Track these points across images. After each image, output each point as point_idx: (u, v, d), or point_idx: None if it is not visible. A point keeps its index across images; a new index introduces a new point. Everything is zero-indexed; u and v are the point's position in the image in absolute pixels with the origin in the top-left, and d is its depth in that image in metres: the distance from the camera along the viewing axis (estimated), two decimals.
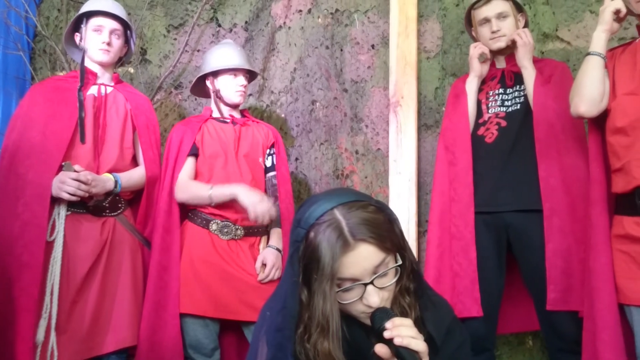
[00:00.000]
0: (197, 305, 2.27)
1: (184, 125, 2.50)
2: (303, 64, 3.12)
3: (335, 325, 1.09)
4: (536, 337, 2.63)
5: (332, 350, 1.09)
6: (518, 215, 2.22)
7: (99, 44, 2.31)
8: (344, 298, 1.11)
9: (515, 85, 2.34)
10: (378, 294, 1.09)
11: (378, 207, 1.13)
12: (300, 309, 1.12)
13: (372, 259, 1.08)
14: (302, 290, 1.12)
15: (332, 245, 1.06)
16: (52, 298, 2.02)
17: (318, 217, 1.10)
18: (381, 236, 1.08)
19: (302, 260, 1.11)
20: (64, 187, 2.06)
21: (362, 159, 2.98)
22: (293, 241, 1.14)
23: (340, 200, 1.11)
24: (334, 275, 1.06)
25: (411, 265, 1.18)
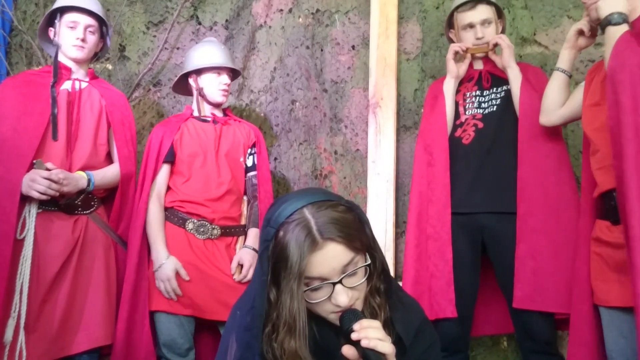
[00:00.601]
0: (172, 303, 2.25)
1: (163, 127, 2.47)
2: (283, 63, 3.11)
3: (302, 324, 1.08)
4: (511, 339, 2.65)
5: (299, 349, 1.09)
6: (493, 217, 2.24)
7: (73, 40, 2.27)
8: (313, 297, 1.10)
9: (493, 87, 2.37)
10: (347, 294, 1.09)
11: (348, 207, 1.13)
12: (269, 308, 1.12)
13: (341, 258, 1.07)
14: (271, 289, 1.12)
15: (300, 243, 1.05)
16: (21, 297, 1.98)
17: (288, 216, 1.09)
18: (350, 235, 1.08)
19: (271, 259, 1.11)
20: (34, 186, 2.02)
21: (341, 159, 2.98)
22: (263, 240, 1.14)
23: (310, 199, 1.11)
24: (301, 274, 1.06)
25: (381, 265, 1.18)
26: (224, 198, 2.39)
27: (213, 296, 2.27)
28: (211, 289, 2.27)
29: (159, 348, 2.27)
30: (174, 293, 2.24)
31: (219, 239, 2.37)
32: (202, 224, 2.34)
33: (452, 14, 2.44)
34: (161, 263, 2.25)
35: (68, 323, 2.08)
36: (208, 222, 2.35)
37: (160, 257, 2.26)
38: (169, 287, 2.22)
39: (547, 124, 2.17)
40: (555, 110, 2.13)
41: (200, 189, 2.37)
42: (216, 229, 2.36)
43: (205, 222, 2.34)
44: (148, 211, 2.33)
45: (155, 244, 2.30)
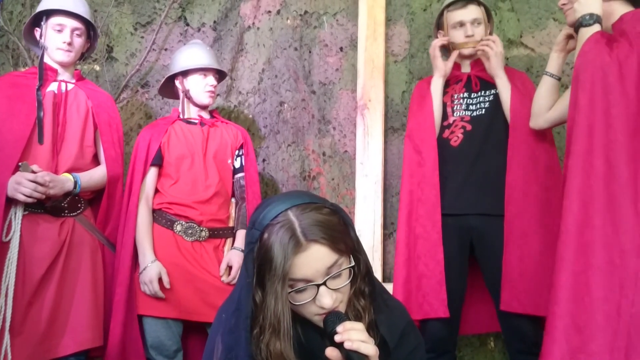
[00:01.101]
0: (159, 307, 2.24)
1: (150, 129, 2.47)
2: (271, 65, 3.11)
3: (287, 326, 1.09)
4: (498, 339, 2.66)
5: (284, 350, 1.10)
6: (481, 219, 2.26)
7: (60, 44, 2.25)
8: (298, 299, 1.11)
9: (481, 91, 2.38)
10: (331, 295, 1.09)
11: (332, 210, 1.14)
12: (255, 310, 1.12)
13: (325, 259, 1.08)
14: (257, 291, 1.12)
15: (284, 245, 1.06)
16: (6, 300, 1.96)
17: (272, 219, 1.10)
18: (334, 237, 1.09)
19: (256, 261, 1.11)
20: (20, 189, 2.01)
21: (329, 160, 2.98)
22: (248, 242, 1.14)
23: (294, 202, 1.11)
24: (285, 276, 1.06)
25: (365, 268, 1.18)
26: (211, 200, 2.39)
27: (201, 298, 2.26)
28: (199, 291, 2.26)
29: (147, 350, 2.27)
30: (157, 296, 2.23)
31: (207, 241, 2.37)
32: (190, 226, 2.34)
33: (442, 13, 2.45)
34: (145, 266, 2.24)
35: (55, 325, 2.06)
36: (196, 224, 2.34)
37: (146, 260, 2.25)
38: (151, 289, 2.22)
39: (536, 127, 2.19)
40: (544, 114, 2.15)
41: (188, 191, 2.37)
42: (204, 231, 2.36)
43: (194, 224, 2.34)
44: (138, 215, 2.32)
45: (141, 247, 2.29)
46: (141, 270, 2.25)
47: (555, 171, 2.25)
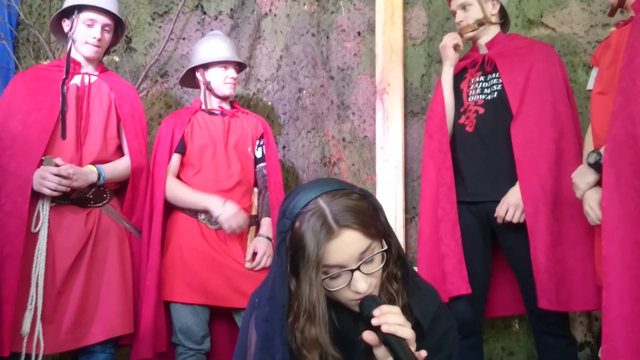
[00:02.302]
0: (186, 293, 2.28)
1: (174, 118, 2.49)
2: (289, 51, 3.11)
3: (322, 312, 1.10)
4: (522, 321, 2.67)
5: (319, 336, 1.11)
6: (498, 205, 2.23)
7: (90, 39, 2.26)
8: (332, 285, 1.12)
9: (494, 73, 2.32)
10: (365, 280, 1.10)
11: (362, 195, 1.14)
12: (290, 298, 1.13)
13: (357, 245, 1.09)
14: (291, 279, 1.13)
15: (316, 232, 1.07)
16: (37, 289, 2.00)
17: (302, 207, 1.11)
18: (365, 223, 1.09)
19: (289, 250, 1.12)
20: (45, 183, 2.03)
21: (349, 146, 2.98)
22: (279, 232, 1.15)
23: (323, 189, 1.12)
24: (319, 262, 1.07)
25: (397, 252, 1.19)
26: (234, 189, 2.42)
27: (227, 284, 2.29)
28: (225, 277, 2.29)
29: (175, 336, 2.31)
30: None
31: None
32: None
33: None
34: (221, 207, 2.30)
35: (85, 314, 2.10)
36: None
37: (217, 203, 2.31)
38: (238, 222, 2.31)
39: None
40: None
41: (211, 180, 2.39)
42: None
43: None
44: (172, 186, 2.37)
45: (202, 198, 2.34)
46: (218, 213, 2.30)
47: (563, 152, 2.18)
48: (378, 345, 1.08)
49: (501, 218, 2.15)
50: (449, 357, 1.24)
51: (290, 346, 1.13)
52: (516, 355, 2.67)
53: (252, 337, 1.21)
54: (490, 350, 2.68)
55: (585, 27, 2.74)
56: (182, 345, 2.29)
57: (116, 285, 2.18)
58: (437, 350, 1.19)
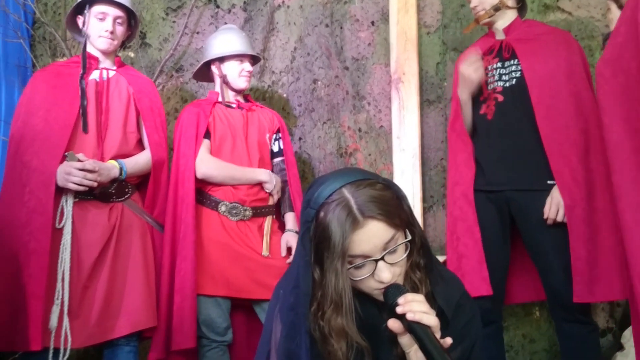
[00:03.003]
0: (208, 285, 2.30)
1: (195, 108, 2.49)
2: (303, 42, 3.11)
3: (348, 301, 1.10)
4: (543, 308, 2.66)
5: (346, 325, 1.11)
6: (518, 193, 2.22)
7: (102, 32, 2.28)
8: (356, 275, 1.12)
9: (512, 59, 2.29)
10: (389, 270, 1.10)
11: (386, 185, 1.14)
12: (314, 287, 1.14)
13: (382, 235, 1.09)
14: (315, 269, 1.14)
15: (341, 223, 1.07)
16: (63, 284, 2.02)
17: (327, 197, 1.11)
18: (390, 213, 1.09)
19: (313, 239, 1.12)
20: (70, 178, 2.05)
21: (365, 136, 2.98)
22: (304, 222, 1.16)
23: (348, 179, 1.12)
24: (344, 253, 1.08)
25: (421, 241, 1.19)
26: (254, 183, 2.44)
27: (248, 276, 2.31)
28: (246, 269, 2.31)
29: (198, 327, 2.33)
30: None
31: (251, 220, 2.42)
32: (235, 206, 2.38)
33: None
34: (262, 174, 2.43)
35: (110, 308, 2.12)
36: (240, 204, 2.39)
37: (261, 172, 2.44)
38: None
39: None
40: None
41: None
42: (248, 210, 2.40)
43: (237, 204, 2.39)
44: (212, 163, 2.39)
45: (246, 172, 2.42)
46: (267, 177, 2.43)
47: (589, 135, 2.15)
48: (403, 333, 1.09)
49: (552, 220, 2.13)
50: (472, 346, 1.24)
51: (312, 334, 1.14)
52: (537, 343, 2.66)
53: (277, 327, 1.22)
54: (511, 338, 2.68)
55: (602, 10, 2.71)
56: (205, 337, 2.32)
57: (140, 279, 2.20)
58: (460, 338, 1.19)
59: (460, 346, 1.19)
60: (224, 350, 2.35)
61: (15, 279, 2.00)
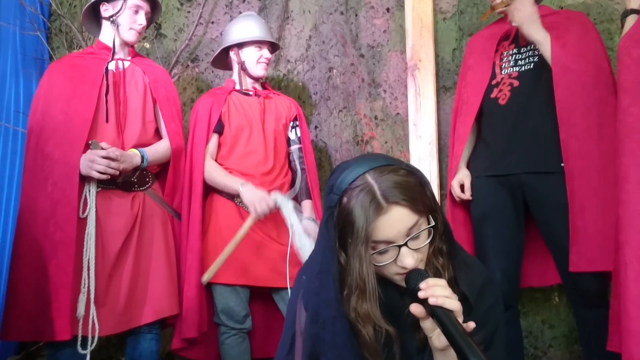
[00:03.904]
0: (227, 274, 2.31)
1: (209, 97, 2.51)
2: (318, 31, 3.10)
3: (372, 287, 1.11)
4: (562, 293, 2.65)
5: (371, 311, 1.12)
6: (531, 177, 2.21)
7: (135, 25, 2.31)
8: (379, 260, 1.13)
9: (530, 45, 2.27)
10: (412, 255, 1.11)
11: (409, 171, 1.14)
12: (340, 272, 1.15)
13: (405, 221, 1.09)
14: (340, 254, 1.15)
15: (365, 209, 1.08)
16: (89, 273, 2.05)
17: (350, 183, 1.11)
18: (413, 198, 1.09)
19: (337, 225, 1.13)
20: (94, 166, 2.07)
21: (382, 124, 2.97)
22: (327, 207, 1.16)
23: (371, 165, 1.12)
24: (368, 239, 1.08)
25: (443, 226, 1.19)
26: (271, 170, 2.45)
27: (266, 264, 2.33)
28: (264, 258, 2.33)
29: (217, 316, 2.36)
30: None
31: None
32: None
33: None
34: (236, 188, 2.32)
35: (134, 296, 2.15)
36: None
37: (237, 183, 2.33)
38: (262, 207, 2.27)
39: None
40: None
41: (248, 161, 2.42)
42: None
43: None
44: (206, 168, 2.39)
45: (227, 181, 2.36)
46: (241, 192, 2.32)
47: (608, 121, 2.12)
48: (425, 318, 1.09)
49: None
50: (494, 331, 1.25)
51: (340, 319, 1.15)
52: (556, 328, 2.66)
53: (301, 313, 1.23)
54: (530, 324, 2.68)
55: None
56: (224, 325, 2.34)
57: (163, 267, 2.22)
58: (482, 324, 1.19)
59: (482, 331, 1.19)
60: (244, 337, 2.37)
61: (42, 270, 2.02)
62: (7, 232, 2.81)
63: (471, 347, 0.98)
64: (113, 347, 2.75)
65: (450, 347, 1.07)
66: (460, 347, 0.99)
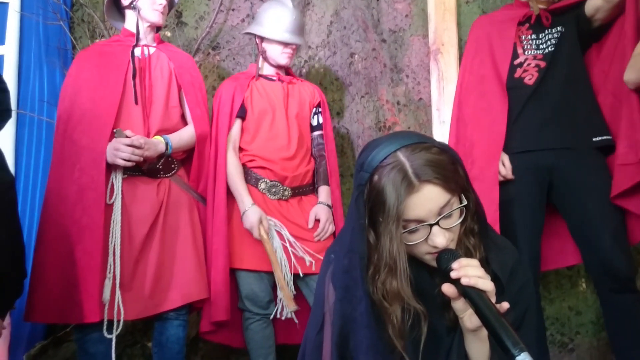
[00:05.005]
0: (251, 260, 2.32)
1: (233, 82, 2.50)
2: (339, 16, 3.07)
3: (403, 265, 1.10)
4: (589, 280, 2.62)
5: (401, 289, 1.11)
6: (561, 157, 2.20)
7: (157, 5, 2.30)
8: (410, 239, 1.11)
9: (552, 28, 2.30)
10: (443, 235, 1.09)
11: (441, 149, 1.13)
12: (368, 250, 1.14)
13: (437, 199, 1.08)
14: (369, 232, 1.14)
15: (397, 187, 1.06)
16: (114, 258, 2.07)
17: (381, 160, 1.10)
18: (446, 177, 1.08)
19: (367, 203, 1.12)
20: (119, 154, 2.08)
21: (404, 109, 2.95)
22: (357, 185, 1.15)
23: (402, 142, 1.11)
24: (399, 217, 1.07)
25: (475, 206, 1.17)
26: (294, 156, 2.43)
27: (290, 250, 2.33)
28: (289, 244, 2.33)
29: (242, 301, 2.37)
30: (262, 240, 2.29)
31: (290, 199, 2.43)
32: (274, 185, 2.39)
33: None
34: (245, 210, 2.31)
35: (161, 281, 2.16)
36: (280, 183, 2.39)
37: (245, 205, 2.32)
38: (255, 234, 2.29)
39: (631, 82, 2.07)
40: None
41: (270, 147, 2.41)
42: (287, 190, 2.40)
43: (277, 183, 2.39)
44: (228, 164, 2.38)
45: (237, 193, 2.36)
46: (242, 214, 2.32)
47: None
48: (457, 298, 1.08)
49: None
50: (525, 311, 1.24)
51: (369, 297, 1.14)
52: (584, 315, 2.63)
53: (329, 292, 1.23)
54: (557, 310, 2.65)
55: None
56: (248, 311, 2.35)
57: (189, 252, 2.23)
58: (514, 304, 1.18)
59: (513, 312, 1.18)
60: (268, 322, 2.39)
61: (68, 254, 2.05)
62: (34, 218, 2.84)
63: (505, 328, 0.97)
64: (139, 332, 2.78)
65: (482, 328, 1.06)
66: (494, 328, 0.98)
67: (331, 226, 2.40)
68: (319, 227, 2.37)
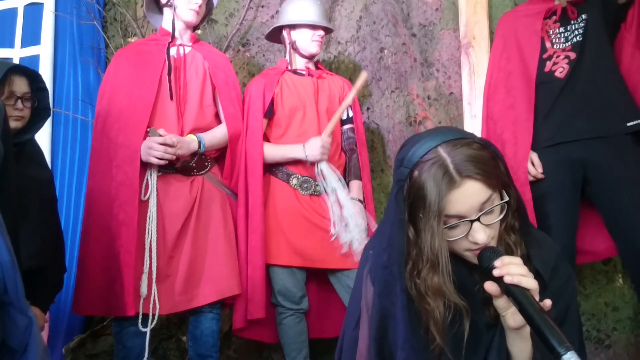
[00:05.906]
0: (284, 255, 2.34)
1: (262, 79, 2.51)
2: (369, 11, 3.06)
3: (445, 260, 1.10)
4: (626, 276, 2.57)
5: (443, 284, 1.11)
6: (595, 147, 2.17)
7: (192, 5, 2.32)
8: (450, 235, 1.11)
9: (578, 18, 2.28)
10: (484, 231, 1.09)
11: (482, 144, 1.12)
12: (408, 246, 1.14)
13: (479, 195, 1.07)
14: (409, 227, 1.13)
15: (438, 182, 1.06)
16: (150, 254, 2.11)
17: (422, 156, 1.10)
18: (487, 173, 1.07)
19: (407, 198, 1.12)
20: (152, 152, 2.12)
21: (435, 104, 2.93)
22: (397, 180, 1.15)
23: (443, 138, 1.10)
24: (441, 213, 1.07)
25: (516, 202, 1.16)
26: None
27: (322, 246, 2.33)
28: (321, 239, 2.34)
29: (275, 297, 2.38)
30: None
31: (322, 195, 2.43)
32: (306, 180, 2.40)
33: None
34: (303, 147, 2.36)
35: (194, 277, 2.19)
36: (311, 179, 2.40)
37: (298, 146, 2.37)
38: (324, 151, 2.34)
39: None
40: None
41: (301, 142, 2.41)
42: (319, 185, 2.41)
43: (309, 179, 2.40)
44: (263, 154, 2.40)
45: (283, 152, 2.40)
46: (306, 153, 2.35)
47: None
48: (499, 296, 1.07)
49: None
50: (567, 308, 1.22)
51: (409, 293, 1.14)
52: (621, 311, 2.58)
53: (368, 287, 1.23)
54: (593, 306, 2.61)
55: None
56: (281, 306, 2.37)
57: (222, 248, 2.26)
58: (555, 301, 1.17)
59: (555, 308, 1.16)
60: (301, 317, 2.40)
61: (108, 248, 2.11)
62: (70, 214, 2.91)
63: (550, 327, 0.96)
64: (174, 326, 2.82)
65: (525, 325, 1.06)
66: (539, 327, 0.97)
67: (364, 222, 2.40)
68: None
